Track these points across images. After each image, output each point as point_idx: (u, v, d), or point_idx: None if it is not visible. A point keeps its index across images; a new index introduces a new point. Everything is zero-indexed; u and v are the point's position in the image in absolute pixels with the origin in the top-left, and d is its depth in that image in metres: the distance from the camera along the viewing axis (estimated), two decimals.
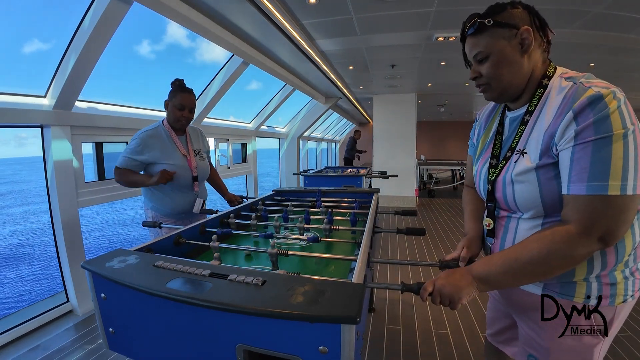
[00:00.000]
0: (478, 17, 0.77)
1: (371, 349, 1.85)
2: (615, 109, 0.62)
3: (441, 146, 14.18)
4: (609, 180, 0.61)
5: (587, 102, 0.64)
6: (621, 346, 1.81)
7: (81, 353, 1.79)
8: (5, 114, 1.85)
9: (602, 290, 0.72)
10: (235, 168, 4.66)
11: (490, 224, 0.87)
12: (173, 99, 1.67)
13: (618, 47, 3.28)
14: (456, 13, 2.51)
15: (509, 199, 0.79)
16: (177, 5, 2.06)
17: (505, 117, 0.87)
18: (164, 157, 1.68)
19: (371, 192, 2.20)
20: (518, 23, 0.74)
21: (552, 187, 0.70)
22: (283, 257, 1.11)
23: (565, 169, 0.66)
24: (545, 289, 0.77)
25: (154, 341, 0.87)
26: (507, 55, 0.75)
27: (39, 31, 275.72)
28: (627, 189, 0.61)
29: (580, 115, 0.64)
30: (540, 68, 0.77)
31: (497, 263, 0.73)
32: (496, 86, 0.79)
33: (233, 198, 1.99)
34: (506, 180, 0.79)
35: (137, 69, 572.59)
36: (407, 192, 6.34)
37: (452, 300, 0.73)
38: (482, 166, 0.89)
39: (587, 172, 0.63)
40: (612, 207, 0.62)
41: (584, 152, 0.63)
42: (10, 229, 13.99)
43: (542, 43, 0.77)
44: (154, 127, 1.71)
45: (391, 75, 4.68)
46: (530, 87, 0.78)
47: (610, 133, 0.61)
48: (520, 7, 0.76)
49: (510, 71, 0.76)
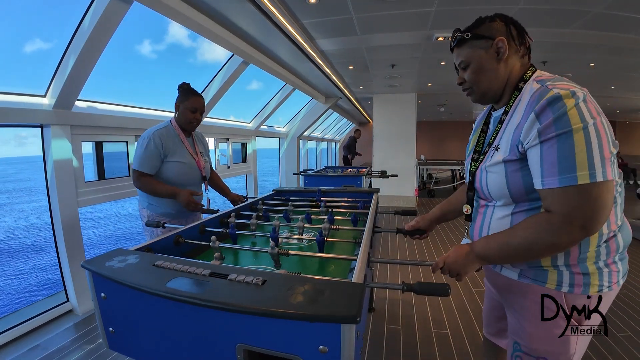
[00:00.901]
0: (459, 31, 0.88)
1: (371, 349, 1.85)
2: (573, 107, 0.67)
3: (441, 146, 14.19)
4: (576, 171, 0.67)
5: (546, 103, 0.70)
6: (620, 346, 1.81)
7: (81, 353, 1.79)
8: (5, 113, 1.85)
9: (575, 279, 0.77)
10: (235, 168, 4.66)
11: (469, 209, 0.98)
12: (185, 102, 1.69)
13: (618, 47, 3.28)
14: (456, 13, 2.51)
15: (484, 187, 0.88)
16: (177, 5, 2.06)
17: (491, 117, 0.96)
18: (176, 155, 1.69)
19: (371, 192, 2.21)
20: (494, 34, 0.83)
21: (516, 179, 0.78)
22: (283, 256, 1.11)
23: (537, 165, 0.72)
24: (520, 276, 0.84)
25: (154, 341, 0.87)
26: (485, 63, 0.85)
27: (40, 30, 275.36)
28: (597, 177, 0.66)
29: (541, 115, 0.70)
30: (518, 72, 0.85)
31: (493, 246, 0.82)
32: (477, 90, 0.90)
33: (236, 198, 2.00)
34: (482, 171, 0.89)
35: (138, 68, 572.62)
36: (407, 192, 6.34)
37: (459, 274, 0.86)
38: (469, 161, 1.00)
39: (556, 166, 0.68)
40: (585, 195, 0.67)
41: (550, 149, 0.69)
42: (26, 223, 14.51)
43: (518, 50, 0.85)
44: (163, 125, 1.72)
45: (391, 75, 4.68)
46: (508, 89, 0.86)
47: (569, 128, 0.67)
48: (498, 19, 0.85)
49: (488, 77, 0.86)
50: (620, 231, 0.79)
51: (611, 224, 0.77)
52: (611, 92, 6.20)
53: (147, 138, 1.63)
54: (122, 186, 2.58)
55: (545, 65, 3.88)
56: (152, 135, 1.63)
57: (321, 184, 4.14)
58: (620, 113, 9.97)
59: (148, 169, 1.63)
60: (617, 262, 0.79)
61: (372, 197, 2.05)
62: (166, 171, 1.68)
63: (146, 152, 1.62)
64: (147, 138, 1.63)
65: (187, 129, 1.76)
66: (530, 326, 0.83)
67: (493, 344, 1.14)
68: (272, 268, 1.12)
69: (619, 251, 0.79)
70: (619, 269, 0.80)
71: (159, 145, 1.63)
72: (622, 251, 0.80)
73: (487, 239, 0.84)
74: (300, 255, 1.20)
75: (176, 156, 1.69)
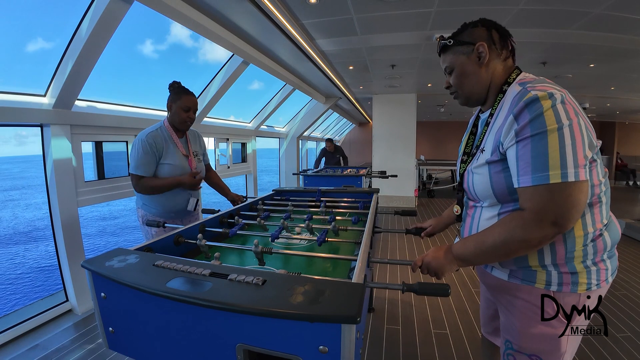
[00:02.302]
0: (442, 38, 0.93)
1: (371, 349, 1.85)
2: (549, 108, 0.69)
3: (441, 146, 14.17)
4: (549, 170, 0.69)
5: (524, 105, 0.72)
6: (620, 347, 1.81)
7: (80, 352, 1.79)
8: (5, 112, 1.84)
9: (563, 278, 0.78)
10: (235, 168, 4.66)
11: (458, 210, 1.02)
12: (178, 101, 1.68)
13: (618, 48, 3.28)
14: (456, 13, 2.51)
15: (471, 188, 0.91)
16: (177, 4, 2.06)
17: (479, 119, 0.98)
18: (167, 157, 1.68)
19: (371, 192, 2.21)
20: (475, 40, 0.87)
21: (499, 179, 0.80)
22: (285, 257, 1.11)
23: (514, 165, 0.75)
24: (510, 276, 0.85)
25: (154, 341, 0.87)
26: (467, 68, 0.89)
27: (43, 30, 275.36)
28: (569, 177, 0.68)
29: (519, 117, 0.73)
30: (501, 75, 0.88)
31: (470, 245, 0.83)
32: (461, 93, 0.94)
33: (236, 197, 2.00)
34: (469, 172, 0.92)
35: (140, 68, 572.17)
36: (406, 192, 6.34)
37: (437, 273, 0.88)
38: (459, 162, 1.03)
39: (530, 166, 0.71)
40: (557, 193, 0.69)
41: (525, 149, 0.71)
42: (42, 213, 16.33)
43: (500, 54, 0.88)
44: (155, 128, 1.71)
45: (391, 75, 4.68)
46: (492, 92, 0.89)
47: (544, 129, 0.69)
48: (480, 25, 0.89)
49: (470, 81, 0.90)
50: (607, 230, 0.80)
51: (596, 222, 0.78)
52: (611, 93, 6.19)
53: (139, 142, 1.63)
54: (121, 186, 2.58)
55: (545, 66, 3.88)
56: (146, 138, 1.63)
57: (321, 184, 4.15)
58: (620, 114, 9.96)
59: (145, 172, 1.63)
60: (606, 260, 0.80)
61: (372, 197, 2.05)
62: (158, 174, 1.68)
63: (141, 155, 1.62)
64: (139, 142, 1.63)
65: (181, 129, 1.76)
66: (520, 325, 0.85)
67: (490, 343, 1.16)
68: (273, 268, 1.12)
69: (607, 250, 0.80)
70: (608, 267, 0.80)
71: (153, 147, 1.63)
72: (610, 249, 0.81)
73: (464, 240, 0.86)
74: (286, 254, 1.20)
75: (168, 158, 1.69)
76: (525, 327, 0.83)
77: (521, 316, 0.84)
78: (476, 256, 0.82)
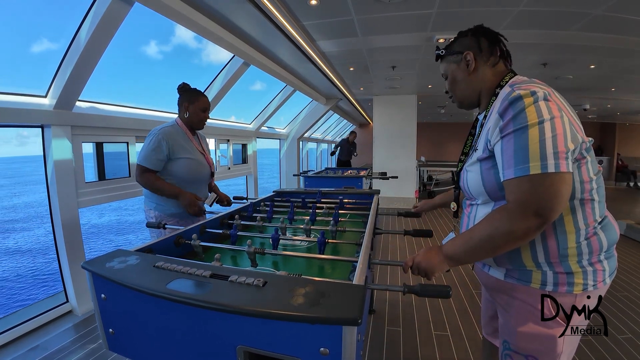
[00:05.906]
0: (437, 49, 1.01)
1: (371, 351, 1.84)
2: (531, 104, 0.72)
3: (441, 148, 14.18)
4: (529, 162, 0.71)
5: (507, 103, 0.75)
6: (621, 348, 1.81)
7: (81, 353, 1.79)
8: (6, 113, 1.85)
9: (558, 278, 0.79)
10: (235, 169, 4.66)
11: (455, 206, 1.08)
12: (196, 102, 1.72)
13: (618, 49, 3.29)
14: (457, 15, 2.51)
15: (466, 186, 0.94)
16: (177, 6, 2.07)
17: (477, 121, 1.01)
18: (185, 152, 1.70)
19: (371, 193, 2.20)
20: (463, 49, 0.93)
21: (490, 176, 0.83)
22: (286, 258, 1.11)
23: (499, 160, 0.77)
24: (506, 276, 0.86)
25: (154, 342, 0.86)
26: (457, 75, 0.96)
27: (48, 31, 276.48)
28: (548, 167, 0.69)
29: (503, 115, 0.76)
30: (492, 80, 0.92)
31: (458, 243, 0.84)
32: (456, 98, 1.01)
33: (223, 197, 2.00)
34: (464, 171, 0.96)
35: (144, 69, 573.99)
36: (407, 194, 6.34)
37: (427, 273, 0.88)
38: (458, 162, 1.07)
39: (513, 159, 0.73)
40: (538, 184, 0.71)
41: (508, 143, 0.74)
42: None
43: (488, 60, 0.92)
44: (169, 124, 1.73)
45: (392, 76, 4.68)
46: (485, 96, 0.94)
47: (525, 124, 0.72)
48: (470, 34, 0.95)
49: (461, 87, 0.97)
50: (602, 229, 0.80)
51: (588, 219, 0.78)
52: (611, 94, 6.20)
53: (153, 135, 1.65)
54: (122, 187, 2.58)
55: (546, 67, 3.88)
56: (159, 132, 1.65)
57: (321, 185, 4.15)
58: (620, 115, 9.96)
59: (152, 165, 1.64)
60: (603, 260, 0.80)
61: (373, 199, 2.05)
62: (177, 168, 1.68)
63: (152, 148, 1.63)
64: (153, 135, 1.65)
65: (198, 128, 1.80)
66: (517, 325, 0.85)
67: (491, 344, 1.16)
68: (274, 270, 1.12)
69: (604, 250, 0.80)
70: (605, 268, 0.80)
71: (165, 143, 1.64)
72: (607, 250, 0.81)
73: (454, 239, 0.87)
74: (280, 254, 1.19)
75: (186, 153, 1.70)
76: (521, 327, 0.84)
77: (518, 316, 0.85)
78: (465, 253, 0.82)
